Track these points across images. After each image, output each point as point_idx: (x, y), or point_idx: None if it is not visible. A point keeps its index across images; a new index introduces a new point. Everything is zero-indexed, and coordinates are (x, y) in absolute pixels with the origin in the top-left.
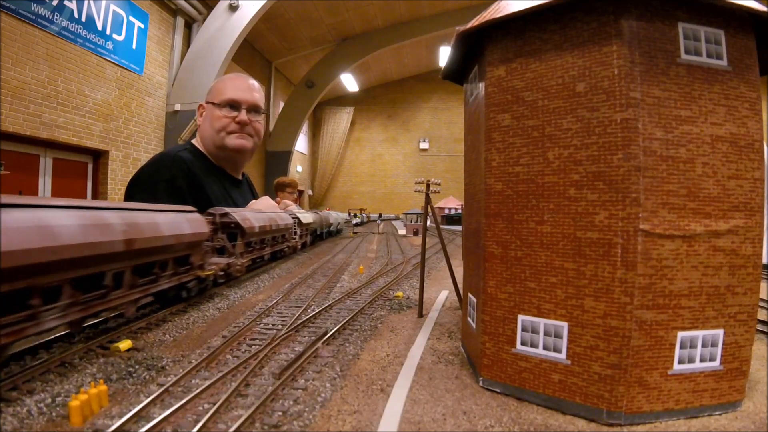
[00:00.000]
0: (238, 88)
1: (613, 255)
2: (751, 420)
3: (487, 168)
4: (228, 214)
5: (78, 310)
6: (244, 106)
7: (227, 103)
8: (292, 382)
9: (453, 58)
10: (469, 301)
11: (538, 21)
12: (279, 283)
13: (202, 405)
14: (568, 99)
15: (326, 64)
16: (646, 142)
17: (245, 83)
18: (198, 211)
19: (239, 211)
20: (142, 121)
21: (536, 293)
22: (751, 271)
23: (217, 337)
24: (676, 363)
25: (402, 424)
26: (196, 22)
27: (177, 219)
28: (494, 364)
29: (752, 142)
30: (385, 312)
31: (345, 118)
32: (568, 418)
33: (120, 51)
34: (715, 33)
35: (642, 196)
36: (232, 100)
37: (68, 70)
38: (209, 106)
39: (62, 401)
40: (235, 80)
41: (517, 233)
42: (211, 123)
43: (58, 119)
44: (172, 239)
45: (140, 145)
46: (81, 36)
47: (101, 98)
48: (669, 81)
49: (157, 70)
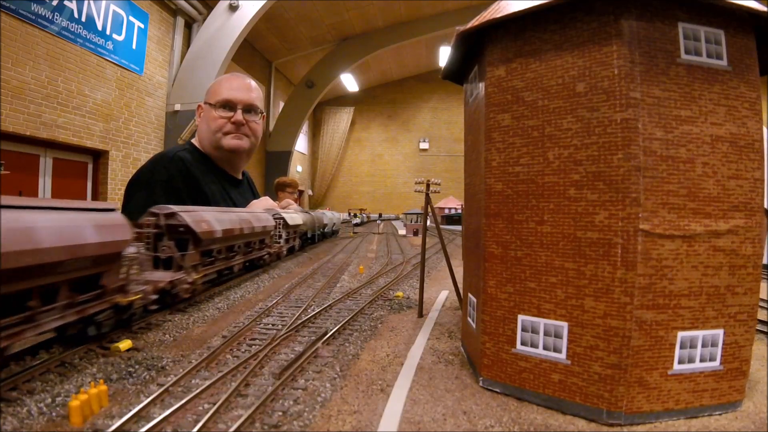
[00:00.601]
0: (234, 87)
1: (613, 255)
2: (751, 420)
3: (487, 168)
4: (176, 214)
5: None
6: (239, 106)
7: (223, 104)
8: (292, 382)
9: (453, 58)
10: (469, 301)
11: (538, 21)
12: (279, 283)
13: (202, 405)
14: (568, 99)
15: (326, 64)
16: (646, 142)
17: (242, 83)
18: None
19: (195, 211)
20: (142, 121)
21: (536, 293)
22: (751, 271)
23: (217, 337)
24: (676, 363)
25: (402, 424)
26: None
27: (74, 223)
28: (494, 364)
29: (752, 142)
30: (385, 312)
31: (345, 118)
32: (568, 418)
33: (120, 51)
34: (715, 33)
35: (642, 196)
36: (228, 101)
37: (68, 70)
38: (206, 107)
39: (62, 401)
40: (232, 80)
41: (517, 233)
42: (208, 124)
43: (58, 119)
44: (62, 253)
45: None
46: (81, 36)
47: (101, 98)
48: (669, 81)
49: (157, 70)
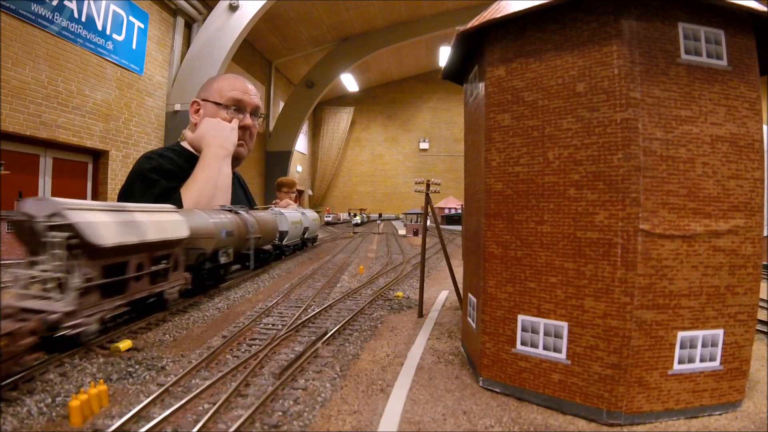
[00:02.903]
0: (241, 89)
1: (613, 255)
2: (751, 420)
3: (487, 168)
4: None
5: None
6: (249, 109)
7: (234, 104)
8: (292, 382)
9: (453, 58)
10: (469, 301)
11: (538, 21)
12: (279, 283)
13: (202, 405)
14: (568, 99)
15: (326, 64)
16: (646, 142)
17: (246, 85)
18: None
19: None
20: (142, 121)
21: (536, 293)
22: (751, 271)
23: (217, 337)
24: (676, 363)
25: (402, 424)
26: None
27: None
28: (494, 364)
29: (752, 142)
30: (385, 312)
31: (345, 118)
32: (568, 418)
33: (120, 51)
34: (715, 33)
35: (642, 196)
36: (239, 101)
37: (68, 70)
38: (211, 105)
39: (62, 401)
40: (235, 81)
41: (517, 233)
42: None
43: (58, 119)
44: None
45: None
46: (81, 36)
47: (101, 98)
48: (669, 81)
49: (157, 70)
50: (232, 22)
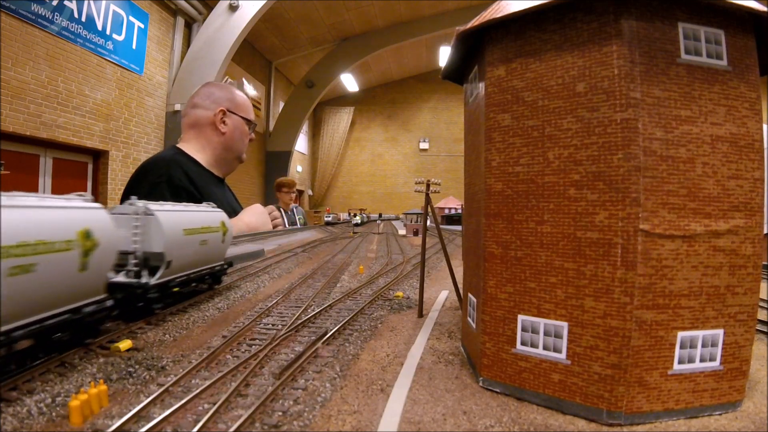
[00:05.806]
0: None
1: (613, 255)
2: (751, 420)
3: (487, 168)
4: None
5: None
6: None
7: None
8: (292, 382)
9: (453, 58)
10: (469, 301)
11: (538, 21)
12: (279, 283)
13: (202, 405)
14: (568, 99)
15: (326, 64)
16: (646, 142)
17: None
18: None
19: None
20: (142, 121)
21: (536, 293)
22: (751, 271)
23: (217, 337)
24: (676, 363)
25: (402, 424)
26: (196, 22)
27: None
28: (494, 364)
29: (752, 142)
30: (385, 312)
31: (345, 118)
32: (568, 418)
33: (120, 51)
34: (715, 33)
35: (642, 196)
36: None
37: (68, 70)
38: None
39: (62, 401)
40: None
41: (517, 233)
42: (242, 137)
43: (58, 119)
44: None
45: (140, 145)
46: (81, 36)
47: (101, 98)
48: (669, 81)
49: (157, 70)
50: (232, 22)
